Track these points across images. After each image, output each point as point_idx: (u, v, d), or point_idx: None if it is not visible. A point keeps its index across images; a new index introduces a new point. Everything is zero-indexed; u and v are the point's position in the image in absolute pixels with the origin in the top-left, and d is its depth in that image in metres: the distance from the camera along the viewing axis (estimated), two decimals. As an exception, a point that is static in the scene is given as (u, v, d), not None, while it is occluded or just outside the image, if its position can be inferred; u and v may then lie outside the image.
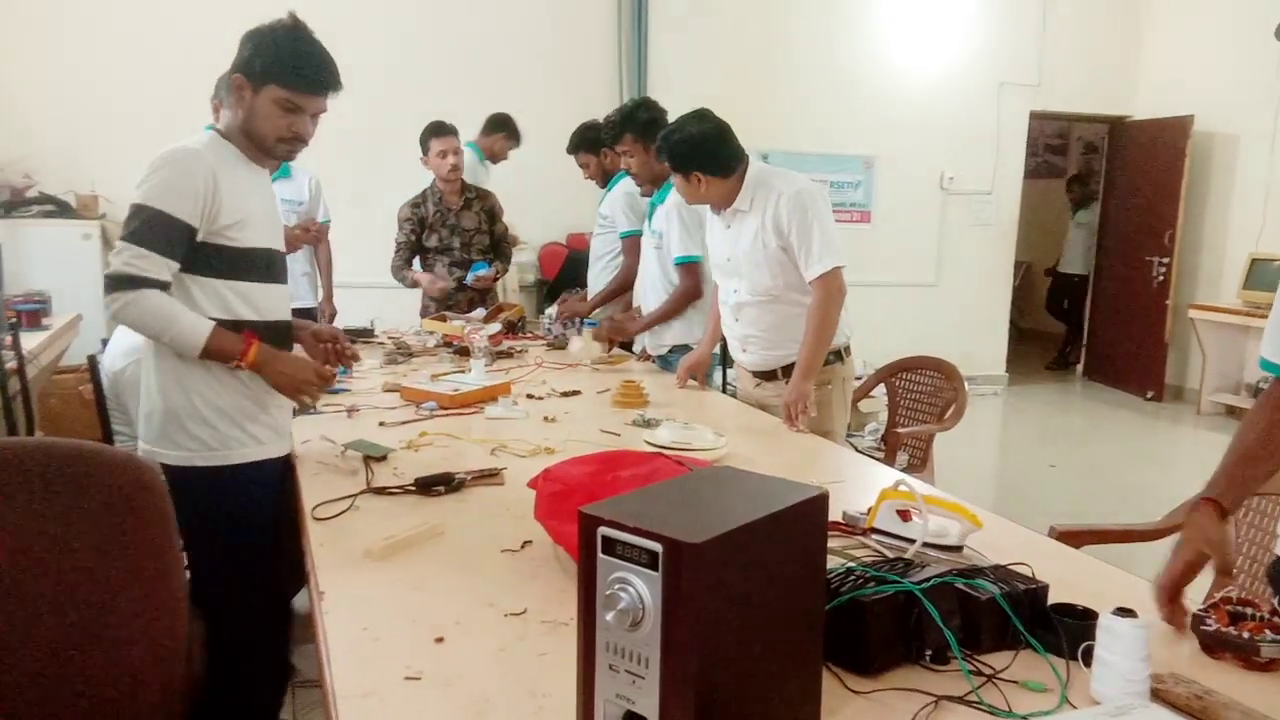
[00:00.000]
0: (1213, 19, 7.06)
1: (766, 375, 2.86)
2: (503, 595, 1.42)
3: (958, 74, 7.32)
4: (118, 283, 1.80)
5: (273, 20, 1.93)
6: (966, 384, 3.56)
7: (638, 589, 0.91)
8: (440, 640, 1.27)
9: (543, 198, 6.04)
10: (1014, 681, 1.18)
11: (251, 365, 1.93)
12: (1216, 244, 7.32)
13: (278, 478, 2.04)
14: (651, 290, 3.52)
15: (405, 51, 5.94)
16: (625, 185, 3.87)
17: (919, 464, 3.49)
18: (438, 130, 4.06)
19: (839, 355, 2.82)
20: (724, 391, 4.30)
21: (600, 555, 0.94)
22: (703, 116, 2.77)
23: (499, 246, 4.30)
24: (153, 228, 1.81)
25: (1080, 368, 8.50)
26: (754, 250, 2.71)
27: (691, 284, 3.37)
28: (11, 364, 2.97)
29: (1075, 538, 2.29)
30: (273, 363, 1.96)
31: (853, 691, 1.16)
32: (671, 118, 3.03)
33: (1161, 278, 7.44)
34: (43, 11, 5.30)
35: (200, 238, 1.87)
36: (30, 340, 3.34)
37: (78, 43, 5.34)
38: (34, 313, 3.85)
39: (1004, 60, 7.41)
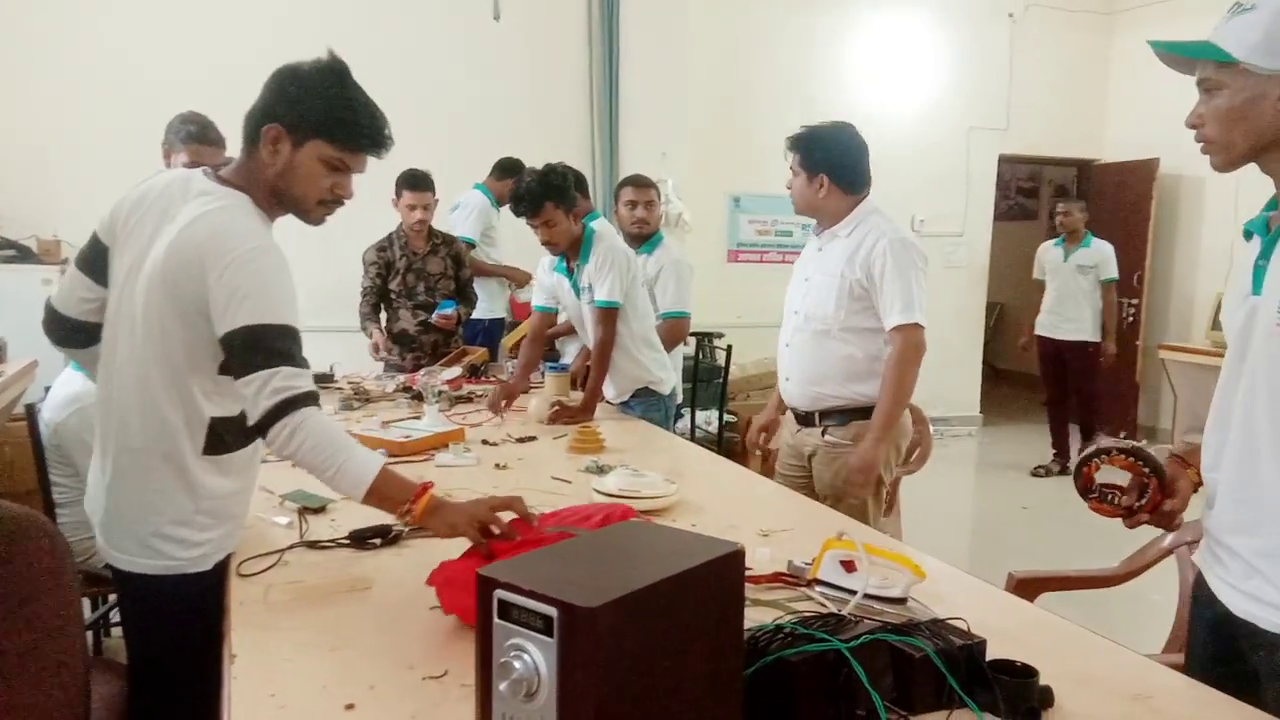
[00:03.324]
0: (1176, 63, 7.19)
1: (805, 420, 2.75)
2: (424, 656, 1.36)
3: (928, 117, 7.40)
4: (277, 413, 1.53)
5: (311, 62, 1.66)
6: (939, 426, 3.53)
7: (533, 656, 0.86)
8: (350, 707, 1.20)
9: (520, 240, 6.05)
10: (947, 746, 1.13)
11: (421, 518, 1.60)
12: (1185, 285, 7.39)
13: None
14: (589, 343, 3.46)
15: (374, 95, 5.94)
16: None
17: (886, 508, 3.44)
18: (413, 184, 4.06)
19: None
20: (692, 437, 4.26)
21: (496, 620, 0.89)
22: (851, 130, 2.71)
23: (464, 291, 4.28)
24: (283, 339, 1.57)
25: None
26: (831, 276, 2.64)
27: (606, 332, 3.25)
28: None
29: (1035, 584, 2.26)
30: (446, 511, 1.62)
31: (777, 758, 1.10)
32: (640, 158, 3.01)
33: (1131, 318, 7.49)
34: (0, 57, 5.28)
35: None
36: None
37: (37, 88, 5.30)
38: (-15, 359, 3.78)
39: (973, 104, 7.51)
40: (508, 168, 5.06)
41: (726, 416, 5.54)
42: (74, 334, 1.84)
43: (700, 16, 6.60)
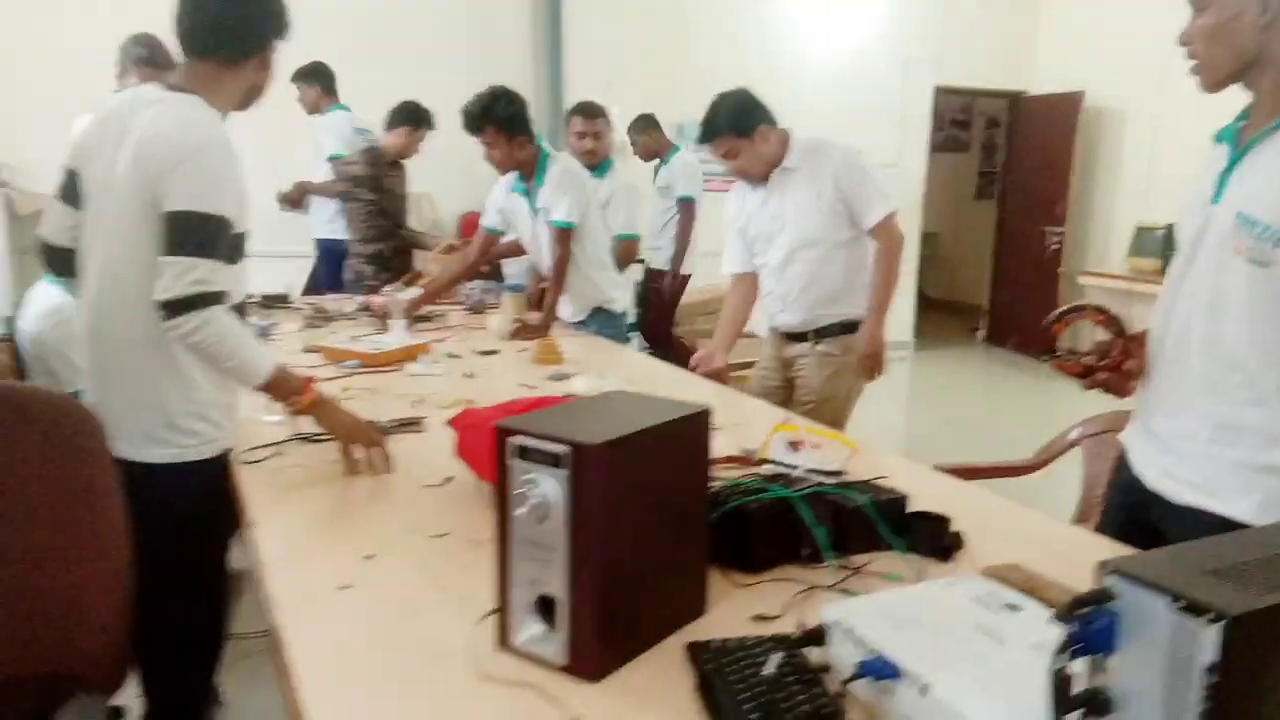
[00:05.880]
0: (1104, -2, 7.46)
1: (797, 337, 3.03)
2: (427, 522, 1.55)
3: (863, 49, 7.56)
4: (189, 304, 1.65)
5: None
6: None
7: (545, 487, 1.06)
8: (370, 557, 1.39)
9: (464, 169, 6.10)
10: (876, 573, 1.36)
11: (307, 408, 1.83)
12: (1105, 215, 7.76)
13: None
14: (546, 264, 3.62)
15: (307, 15, 5.89)
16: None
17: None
18: (588, 112, 4.32)
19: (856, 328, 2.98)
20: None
21: (512, 460, 1.08)
22: (729, 90, 2.91)
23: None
24: (211, 235, 1.69)
25: (982, 335, 8.92)
26: (806, 201, 2.87)
27: (563, 251, 3.42)
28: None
29: (956, 475, 2.52)
30: (332, 407, 1.87)
31: (737, 585, 1.32)
32: (584, 88, 3.14)
33: (1055, 247, 7.86)
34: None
35: None
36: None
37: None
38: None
39: (908, 35, 7.69)
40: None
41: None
42: (70, 263, 1.94)
43: (643, -56, 6.63)
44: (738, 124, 2.85)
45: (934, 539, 1.43)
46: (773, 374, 3.11)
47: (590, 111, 4.30)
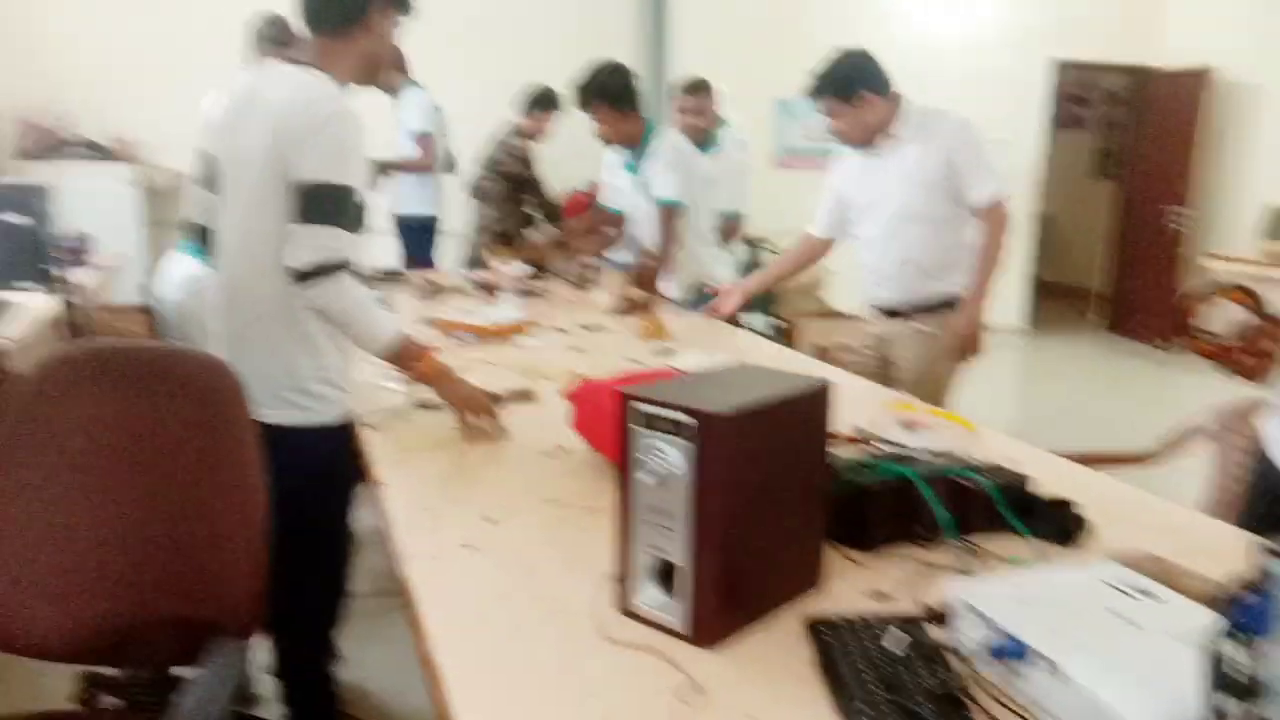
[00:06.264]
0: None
1: (894, 314, 2.94)
2: (545, 488, 1.59)
3: (979, 20, 7.32)
4: (319, 270, 1.73)
5: None
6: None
7: (669, 455, 1.07)
8: (490, 520, 1.44)
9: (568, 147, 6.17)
10: (996, 555, 1.33)
11: (425, 376, 1.90)
12: (1235, 195, 7.34)
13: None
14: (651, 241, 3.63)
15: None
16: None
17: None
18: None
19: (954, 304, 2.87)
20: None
21: (637, 428, 1.10)
22: (846, 49, 2.84)
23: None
24: (340, 205, 1.76)
25: (1095, 319, 8.57)
26: (912, 171, 2.77)
27: (667, 228, 3.42)
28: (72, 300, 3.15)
29: (1072, 461, 2.44)
30: (450, 376, 1.92)
31: (853, 561, 1.32)
32: (688, 63, 3.13)
33: (1176, 228, 7.48)
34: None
35: None
36: (78, 278, 3.51)
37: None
38: (76, 251, 4.02)
39: (1026, 6, 7.40)
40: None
41: (775, 321, 5.72)
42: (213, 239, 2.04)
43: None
44: (841, 86, 2.78)
45: (1057, 522, 1.40)
46: (870, 351, 3.03)
47: (694, 88, 4.29)
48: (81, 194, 4.81)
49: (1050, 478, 1.60)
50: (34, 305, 3.01)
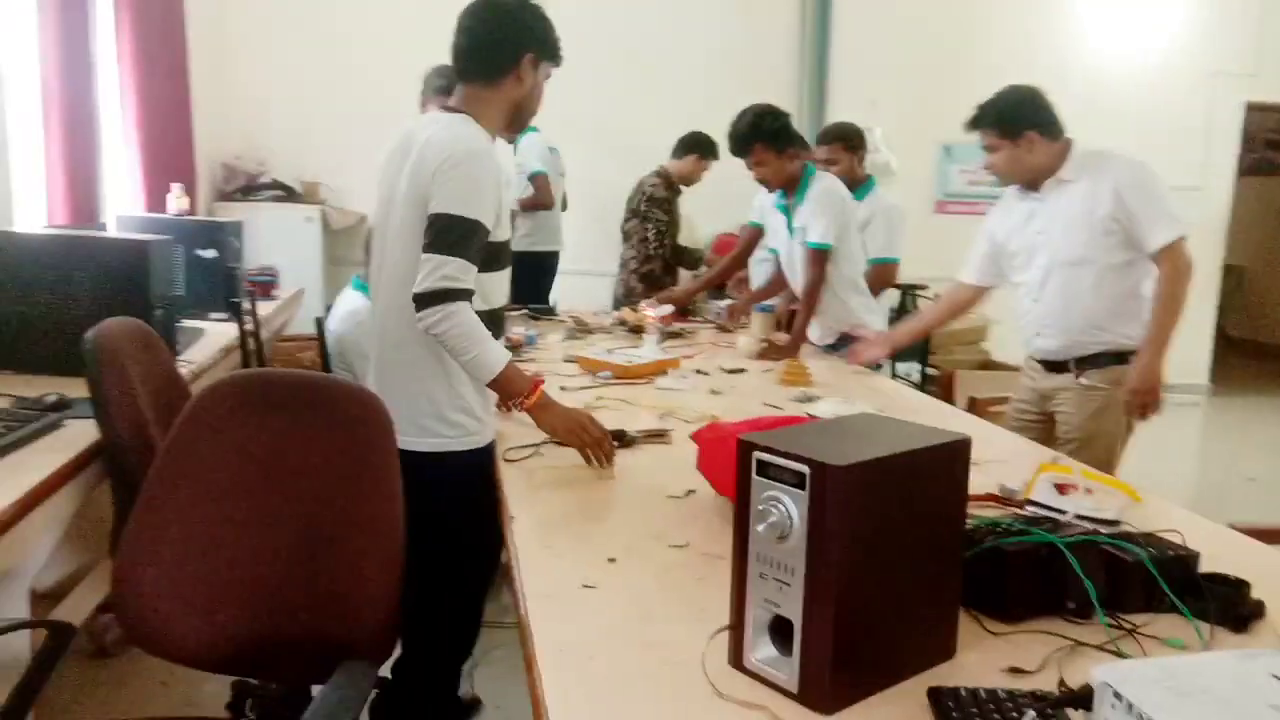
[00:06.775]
0: None
1: (1057, 367, 2.77)
2: (667, 531, 1.57)
3: (1165, 62, 6.89)
4: (437, 297, 1.80)
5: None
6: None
7: (787, 506, 1.03)
8: (612, 560, 1.43)
9: (717, 188, 6.20)
10: (1154, 637, 1.21)
11: (531, 407, 1.93)
12: None
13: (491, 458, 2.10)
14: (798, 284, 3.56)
15: (575, 42, 6.23)
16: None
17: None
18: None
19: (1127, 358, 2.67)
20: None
21: (754, 476, 1.07)
22: (1019, 85, 2.75)
23: None
24: (465, 237, 1.83)
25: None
26: (1078, 215, 2.63)
27: (816, 273, 3.34)
28: (249, 329, 3.39)
29: (1254, 536, 2.21)
30: (552, 409, 1.95)
31: (990, 633, 1.23)
32: (848, 107, 3.08)
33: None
34: (269, 12, 5.90)
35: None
36: (262, 309, 3.79)
37: (303, 44, 5.92)
38: (265, 285, 4.35)
39: (1216, 47, 6.92)
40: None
41: (928, 369, 5.52)
42: None
43: (916, -39, 6.44)
44: (1005, 121, 2.66)
45: (1229, 605, 1.26)
46: (1030, 407, 2.85)
47: (824, 137, 4.22)
48: (270, 231, 5.24)
49: (1226, 553, 1.45)
50: (220, 332, 3.26)
